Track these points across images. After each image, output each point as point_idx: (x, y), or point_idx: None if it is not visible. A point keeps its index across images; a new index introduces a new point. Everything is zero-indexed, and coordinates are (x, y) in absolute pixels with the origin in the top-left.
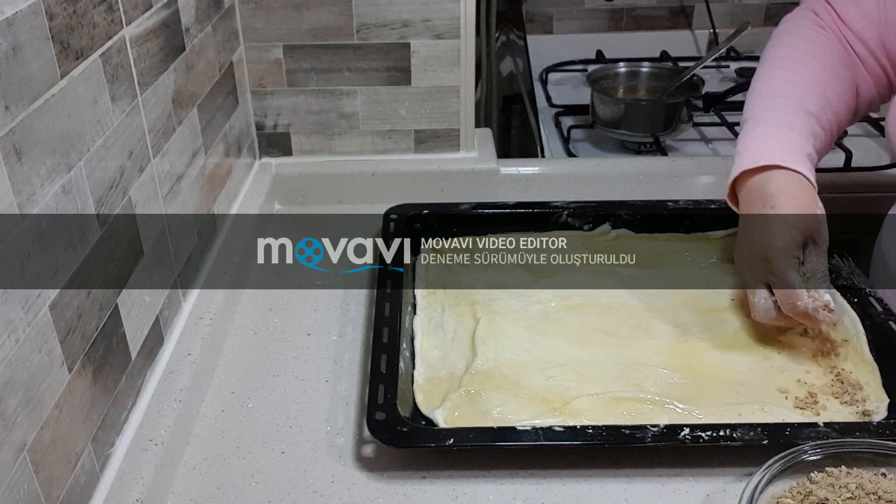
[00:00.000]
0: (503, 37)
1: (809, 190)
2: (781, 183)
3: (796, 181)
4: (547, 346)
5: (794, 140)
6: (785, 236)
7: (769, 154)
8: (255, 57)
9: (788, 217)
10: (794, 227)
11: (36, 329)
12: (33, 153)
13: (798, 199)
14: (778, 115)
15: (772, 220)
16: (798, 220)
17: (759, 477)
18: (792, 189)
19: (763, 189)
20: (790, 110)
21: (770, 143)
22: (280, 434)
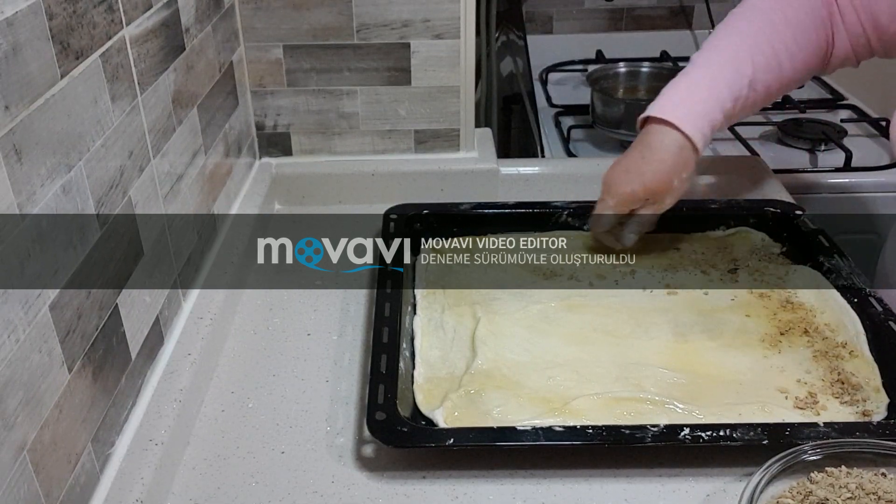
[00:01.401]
0: (503, 37)
1: (685, 157)
2: (663, 140)
3: (677, 146)
4: (547, 346)
5: (704, 102)
6: (630, 188)
7: (672, 111)
8: (255, 57)
9: (646, 172)
10: (643, 184)
11: (36, 329)
12: (33, 153)
13: (666, 163)
14: (705, 72)
15: (633, 168)
16: (649, 180)
17: (759, 477)
18: (668, 150)
19: (649, 138)
20: (722, 69)
21: (679, 100)
22: (280, 434)
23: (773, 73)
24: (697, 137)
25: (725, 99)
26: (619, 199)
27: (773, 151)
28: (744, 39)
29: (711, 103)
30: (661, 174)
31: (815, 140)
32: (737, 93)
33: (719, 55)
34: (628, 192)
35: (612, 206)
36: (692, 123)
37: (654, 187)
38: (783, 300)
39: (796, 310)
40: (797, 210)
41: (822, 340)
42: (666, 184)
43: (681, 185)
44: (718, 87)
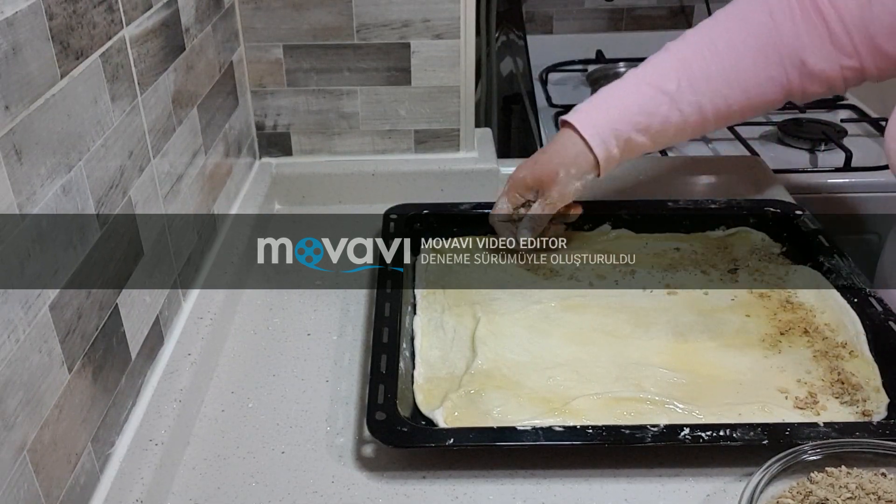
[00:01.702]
0: (503, 37)
1: (576, 155)
2: (563, 140)
3: (572, 144)
4: (547, 346)
5: (611, 112)
6: (521, 173)
7: (578, 116)
8: (255, 57)
9: (537, 162)
10: (531, 171)
11: (36, 329)
12: (33, 153)
13: (555, 155)
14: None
15: (531, 159)
16: (538, 168)
17: (759, 477)
18: (562, 146)
19: (555, 137)
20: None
21: (588, 108)
22: (280, 434)
23: (705, 96)
24: (595, 141)
25: (635, 112)
26: (512, 182)
27: (773, 151)
28: (676, 58)
29: (619, 114)
30: (547, 164)
31: (815, 140)
32: (653, 108)
33: (645, 70)
34: (519, 176)
35: (504, 190)
36: (591, 127)
37: (539, 175)
38: (783, 300)
39: (796, 310)
40: (797, 210)
41: (822, 340)
42: (550, 174)
43: (567, 178)
44: (630, 100)
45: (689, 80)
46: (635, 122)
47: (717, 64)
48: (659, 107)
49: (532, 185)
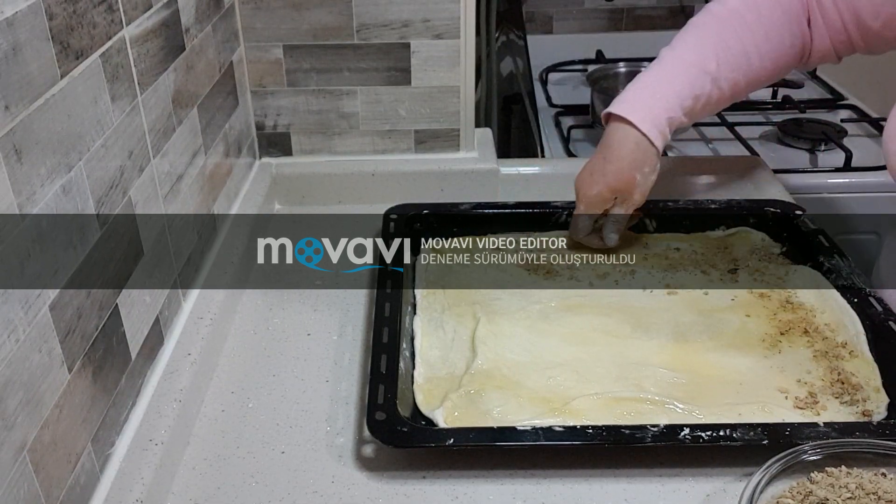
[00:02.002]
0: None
1: (643, 152)
2: (621, 138)
3: (634, 142)
4: (547, 346)
5: (664, 99)
6: (596, 189)
7: (629, 107)
8: (255, 57)
9: (608, 173)
10: (607, 184)
11: (36, 329)
12: (33, 153)
13: (624, 160)
14: (667, 69)
15: (597, 169)
16: (613, 180)
17: (759, 477)
18: (626, 148)
19: (608, 137)
20: (685, 65)
21: (638, 97)
22: (280, 434)
23: (740, 71)
24: (654, 134)
25: (686, 96)
26: (588, 202)
27: (773, 151)
28: (710, 36)
29: (671, 100)
30: (622, 172)
31: (815, 140)
32: (699, 90)
33: (684, 51)
34: (594, 193)
35: (584, 209)
36: (649, 121)
37: (617, 186)
38: (783, 300)
39: (796, 310)
40: (797, 210)
41: (822, 340)
42: (628, 181)
43: (644, 179)
44: (679, 85)
45: (727, 58)
46: (683, 106)
47: (751, 38)
48: (703, 87)
49: (611, 197)
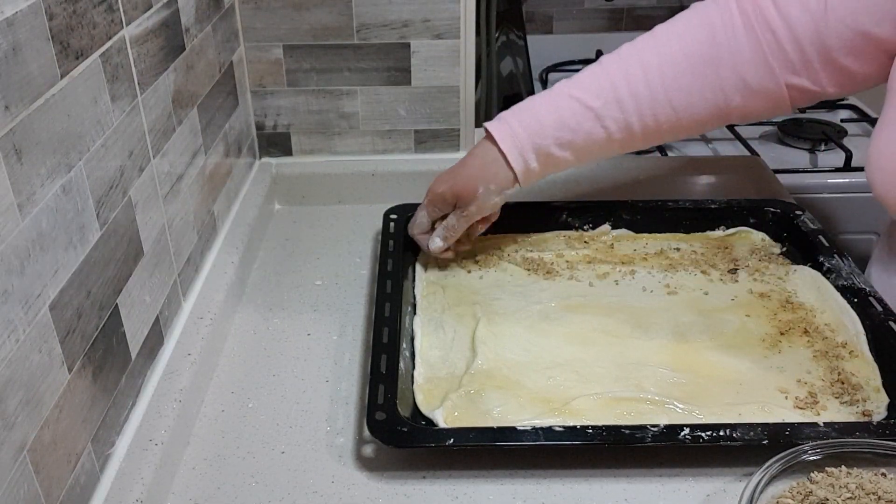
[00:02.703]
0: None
1: (496, 169)
2: (482, 150)
3: (492, 158)
4: (547, 346)
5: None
6: (441, 188)
7: (498, 125)
8: (255, 57)
9: (456, 176)
10: (450, 186)
11: (36, 329)
12: (33, 153)
13: (474, 168)
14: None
15: (450, 171)
16: (457, 184)
17: (759, 477)
18: (481, 159)
19: (474, 148)
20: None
21: (511, 117)
22: (280, 434)
23: (635, 115)
24: (513, 155)
25: (558, 128)
26: (430, 198)
27: (773, 151)
28: (609, 71)
29: (541, 128)
30: (468, 179)
31: (815, 140)
32: (575, 125)
33: (576, 83)
34: (438, 192)
35: (424, 204)
36: (510, 141)
37: (459, 191)
38: (783, 300)
39: (796, 310)
40: (797, 210)
41: (822, 340)
42: (470, 190)
43: (486, 194)
44: (556, 115)
45: (615, 97)
46: (556, 137)
47: (646, 83)
48: (582, 122)
49: (451, 201)
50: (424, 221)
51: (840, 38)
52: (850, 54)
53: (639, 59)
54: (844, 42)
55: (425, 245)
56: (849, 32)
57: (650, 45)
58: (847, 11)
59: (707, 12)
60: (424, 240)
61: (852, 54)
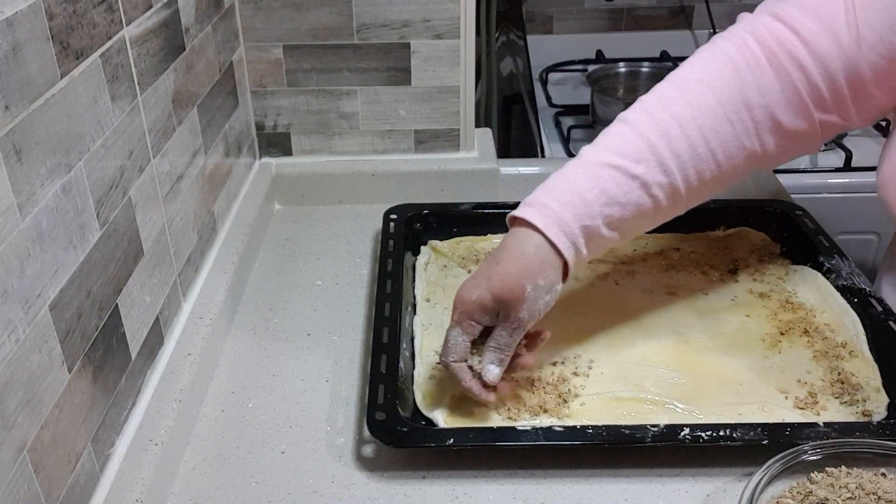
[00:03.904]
0: (503, 37)
1: (542, 260)
2: (518, 243)
3: (534, 247)
4: (546, 346)
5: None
6: (470, 292)
7: (535, 211)
8: (255, 57)
9: (492, 276)
10: (488, 289)
11: (36, 329)
12: (33, 153)
13: (514, 263)
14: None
15: (481, 273)
16: (496, 285)
17: (759, 477)
18: (520, 253)
19: (507, 240)
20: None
21: (549, 197)
22: (280, 434)
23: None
24: (562, 242)
25: (606, 203)
26: (463, 310)
27: None
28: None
29: (588, 206)
30: (510, 279)
31: None
32: (622, 198)
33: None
34: (473, 299)
35: (454, 321)
36: (558, 227)
37: (500, 293)
38: (783, 300)
39: (796, 310)
40: (797, 210)
41: (822, 340)
42: (515, 290)
43: (536, 294)
44: (600, 188)
45: (657, 160)
46: (605, 215)
47: (686, 138)
48: (629, 194)
49: (492, 309)
50: (461, 343)
51: (873, 68)
52: (879, 84)
53: (670, 113)
54: (877, 71)
55: (471, 380)
56: (881, 61)
57: (676, 95)
58: (877, 38)
59: (726, 52)
60: (463, 370)
61: (881, 84)
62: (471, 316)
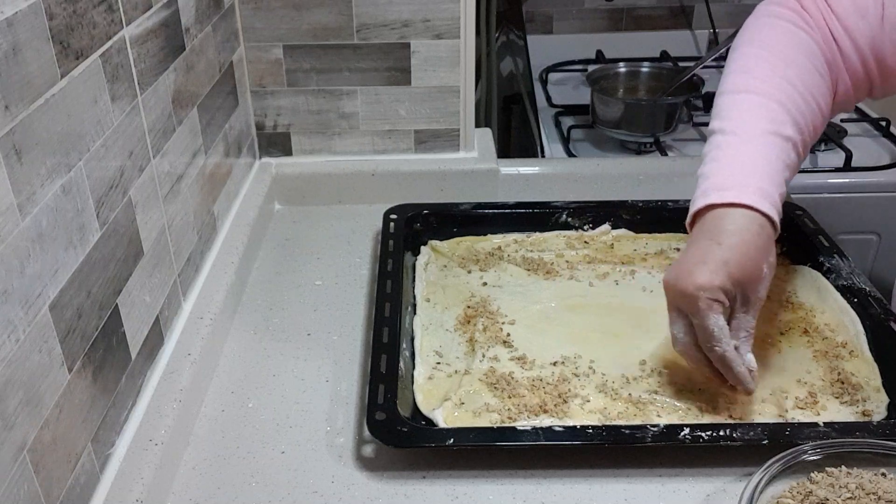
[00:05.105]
0: (503, 37)
1: (767, 238)
2: (740, 224)
3: (758, 226)
4: (547, 346)
5: (768, 175)
6: (712, 277)
7: (738, 191)
8: (255, 57)
9: (730, 259)
10: (728, 273)
11: (36, 329)
12: (33, 153)
13: (750, 246)
14: (754, 143)
15: (711, 255)
16: (736, 268)
17: (759, 477)
18: (748, 233)
19: (718, 224)
20: (768, 136)
21: (741, 175)
22: (280, 434)
23: (811, 129)
24: (774, 214)
25: (782, 169)
26: (710, 296)
27: None
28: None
29: (773, 175)
30: (749, 262)
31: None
32: (788, 161)
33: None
34: (717, 284)
35: (705, 307)
36: (767, 201)
37: (740, 277)
38: (783, 300)
39: (796, 310)
40: (797, 210)
41: (822, 340)
42: (755, 273)
43: (769, 272)
44: (776, 157)
45: (793, 120)
46: (785, 180)
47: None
48: (790, 155)
49: (733, 289)
50: (724, 327)
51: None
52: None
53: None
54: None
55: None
56: None
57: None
58: None
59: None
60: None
61: None
62: (714, 298)
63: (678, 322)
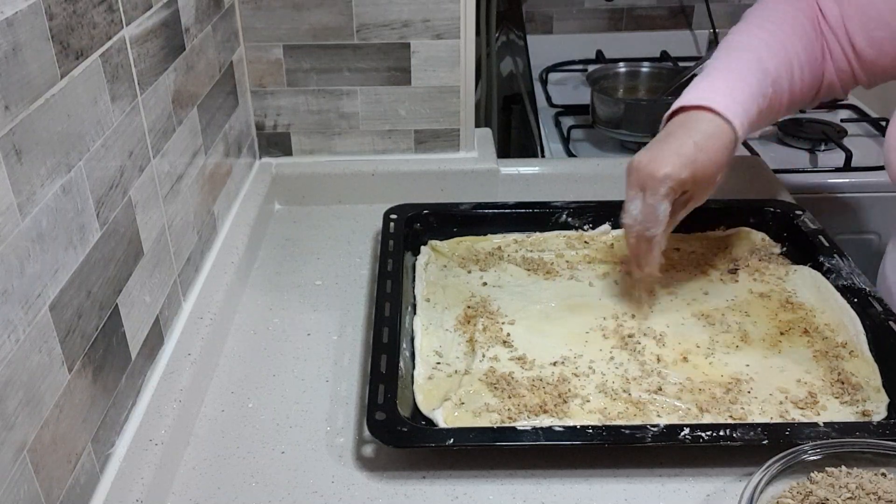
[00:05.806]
0: (503, 37)
1: (728, 146)
2: (710, 127)
3: (722, 132)
4: (547, 346)
5: (742, 93)
6: (681, 170)
7: (711, 96)
8: (255, 57)
9: (698, 159)
10: (693, 170)
11: (36, 329)
12: (33, 153)
13: (717, 153)
14: (736, 66)
15: (685, 149)
16: (700, 168)
17: (759, 477)
18: (719, 140)
19: (692, 123)
20: (750, 64)
21: (716, 88)
22: (280, 434)
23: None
24: (737, 125)
25: (758, 94)
26: (672, 185)
27: (773, 151)
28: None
29: (748, 95)
30: (711, 165)
31: (815, 140)
32: (764, 90)
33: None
34: (683, 178)
35: (664, 194)
36: (733, 112)
37: (702, 178)
38: (783, 300)
39: (796, 310)
40: (797, 210)
41: (822, 340)
42: (710, 177)
43: (721, 181)
44: (750, 81)
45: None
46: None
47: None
48: (765, 88)
49: (689, 181)
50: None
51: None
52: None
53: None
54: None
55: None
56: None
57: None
58: None
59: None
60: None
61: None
62: (673, 187)
63: (636, 200)
